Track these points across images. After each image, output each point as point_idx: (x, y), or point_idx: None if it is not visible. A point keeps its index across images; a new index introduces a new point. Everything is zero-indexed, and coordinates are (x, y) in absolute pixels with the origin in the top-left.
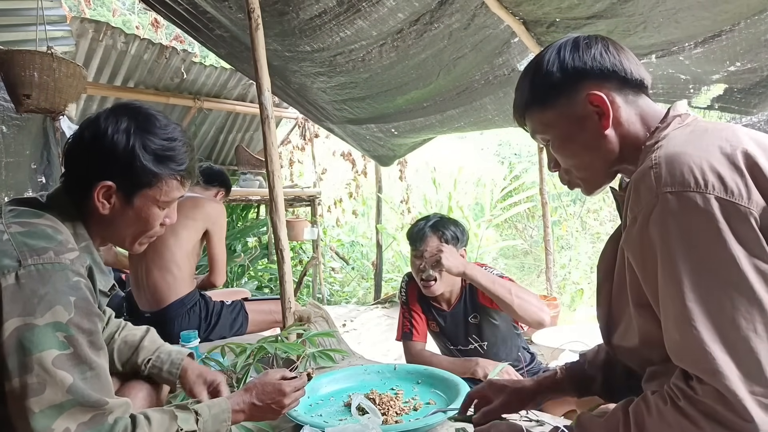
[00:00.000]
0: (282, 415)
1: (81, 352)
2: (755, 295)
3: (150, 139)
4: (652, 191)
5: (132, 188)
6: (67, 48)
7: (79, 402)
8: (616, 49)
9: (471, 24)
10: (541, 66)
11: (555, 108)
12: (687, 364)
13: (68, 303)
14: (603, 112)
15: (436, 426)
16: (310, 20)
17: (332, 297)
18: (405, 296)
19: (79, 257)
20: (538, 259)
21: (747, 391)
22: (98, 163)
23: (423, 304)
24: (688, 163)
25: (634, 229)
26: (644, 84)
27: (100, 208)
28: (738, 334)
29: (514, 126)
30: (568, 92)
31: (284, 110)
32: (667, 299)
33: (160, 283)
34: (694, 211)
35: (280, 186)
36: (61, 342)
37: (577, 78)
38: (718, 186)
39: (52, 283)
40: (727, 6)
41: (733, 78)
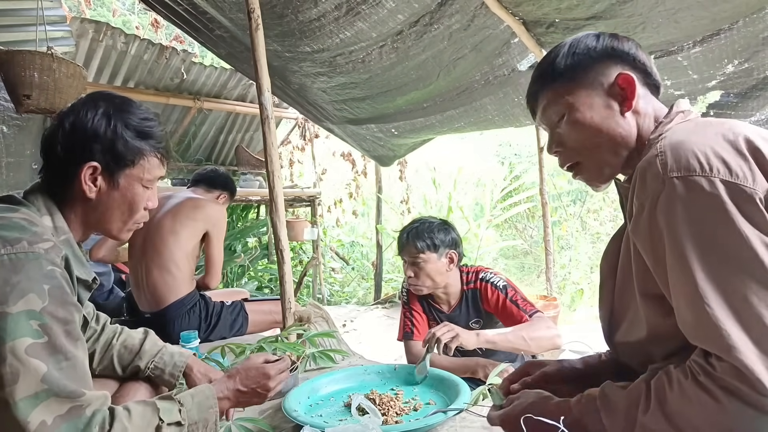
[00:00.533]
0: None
1: (56, 341)
2: (766, 273)
3: (129, 117)
4: (659, 177)
5: (116, 167)
6: (67, 48)
7: (54, 392)
8: (645, 53)
9: (471, 25)
10: (578, 43)
11: (583, 83)
12: (703, 342)
13: (42, 291)
14: (627, 96)
15: (436, 426)
16: (309, 22)
17: (332, 297)
18: (406, 296)
19: (54, 247)
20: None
21: (763, 366)
22: (82, 146)
23: (423, 304)
24: (693, 150)
25: (642, 217)
26: (659, 87)
27: (87, 191)
28: (751, 310)
29: (514, 126)
30: (600, 69)
31: (284, 110)
32: (678, 282)
33: (159, 283)
34: (701, 194)
35: (280, 186)
36: (35, 330)
37: (612, 58)
38: (723, 170)
39: (25, 271)
40: (726, 5)
41: (729, 82)
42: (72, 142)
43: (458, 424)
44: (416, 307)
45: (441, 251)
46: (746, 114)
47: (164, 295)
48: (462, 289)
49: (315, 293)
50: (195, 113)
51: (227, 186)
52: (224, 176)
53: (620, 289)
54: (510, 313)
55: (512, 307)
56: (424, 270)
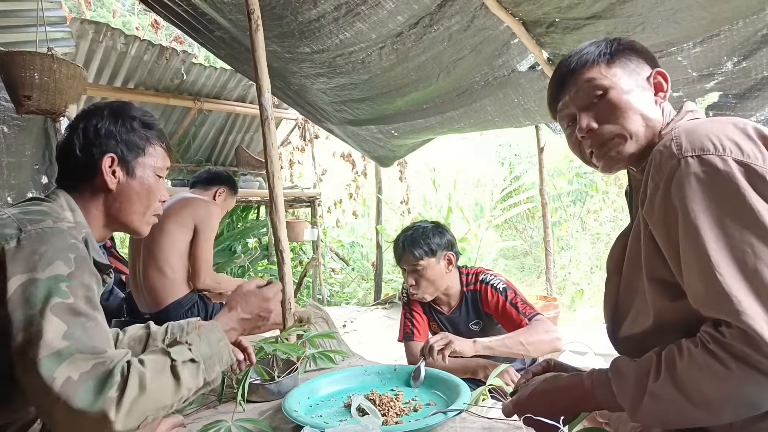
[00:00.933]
0: (273, 326)
1: (79, 304)
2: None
3: (132, 112)
4: (674, 157)
5: (131, 156)
6: (67, 49)
7: (78, 349)
8: None
9: (470, 26)
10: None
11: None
12: (714, 310)
13: (68, 259)
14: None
15: (436, 427)
16: (309, 23)
17: (332, 298)
18: (406, 297)
19: (76, 227)
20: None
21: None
22: (98, 143)
23: (424, 305)
24: (706, 133)
25: (656, 196)
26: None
27: (108, 182)
28: (762, 279)
29: (514, 126)
30: (640, 63)
31: (284, 111)
32: (690, 254)
33: (156, 284)
34: (715, 170)
35: (280, 187)
36: (63, 291)
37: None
38: (735, 150)
39: (52, 242)
40: (726, 5)
41: (728, 83)
42: (88, 141)
43: (458, 424)
44: (416, 308)
45: (439, 255)
46: (745, 115)
47: (161, 296)
48: (462, 291)
49: (315, 294)
50: (195, 114)
51: (223, 180)
52: (219, 172)
53: (626, 282)
54: (509, 316)
55: (512, 310)
56: (425, 277)
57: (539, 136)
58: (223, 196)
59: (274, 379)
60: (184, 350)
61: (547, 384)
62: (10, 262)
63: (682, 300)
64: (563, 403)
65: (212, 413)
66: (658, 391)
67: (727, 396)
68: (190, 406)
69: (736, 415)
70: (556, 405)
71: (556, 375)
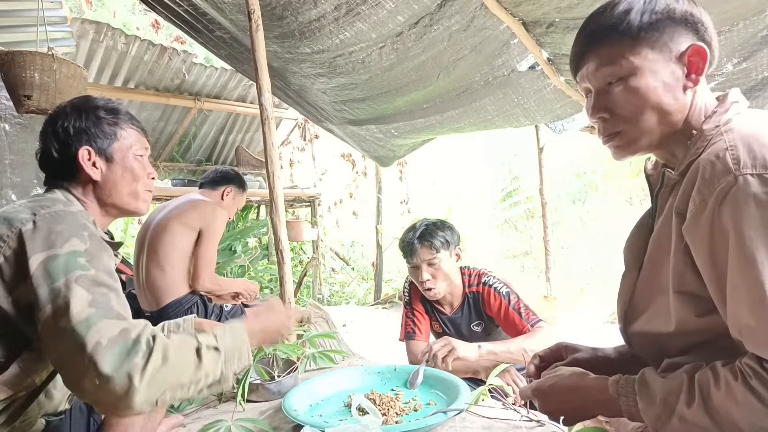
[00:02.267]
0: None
1: (99, 276)
2: None
3: (93, 104)
4: (729, 173)
5: (105, 144)
6: (67, 49)
7: (104, 315)
8: (714, 31)
9: (470, 26)
10: (656, 0)
11: (655, 45)
12: (762, 350)
13: (83, 236)
14: (695, 70)
15: (436, 426)
16: (309, 23)
17: (332, 298)
18: (408, 297)
19: (83, 211)
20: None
21: None
22: (71, 140)
23: (426, 304)
24: (762, 144)
25: (703, 214)
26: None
27: (92, 174)
28: None
29: (513, 126)
30: (674, 35)
31: (284, 111)
32: (741, 284)
33: (156, 282)
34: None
35: (280, 187)
36: (83, 264)
37: (688, 25)
38: None
39: (66, 222)
40: (726, 6)
41: (728, 84)
42: (61, 142)
43: (458, 424)
44: (418, 307)
45: (451, 249)
46: None
47: (161, 294)
48: (464, 292)
49: (315, 293)
50: (195, 114)
51: (230, 179)
52: (225, 171)
53: (645, 281)
54: (512, 321)
55: (515, 315)
56: (442, 270)
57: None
58: (231, 195)
59: (274, 378)
60: (210, 338)
61: (573, 381)
62: (29, 242)
63: (708, 316)
64: (584, 402)
65: (212, 413)
66: (689, 416)
67: (758, 431)
68: (190, 405)
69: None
70: (575, 403)
71: (583, 373)
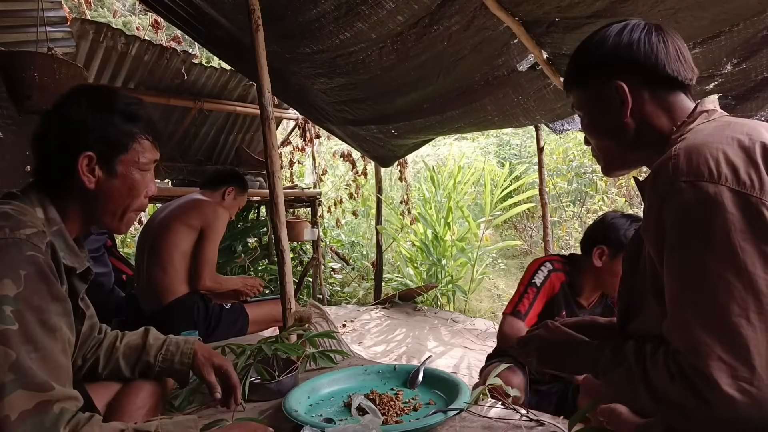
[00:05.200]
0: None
1: (27, 330)
2: (752, 285)
3: (114, 102)
4: (668, 180)
5: (111, 154)
6: (67, 49)
7: (22, 384)
8: (660, 40)
9: (470, 26)
10: (585, 48)
11: (587, 89)
12: (675, 341)
13: (18, 277)
14: (624, 102)
15: (436, 426)
16: (309, 23)
17: (332, 297)
18: (543, 282)
19: (38, 234)
20: None
21: (729, 376)
22: (74, 138)
23: (565, 289)
24: (705, 155)
25: (650, 216)
26: (678, 80)
27: (86, 182)
28: (729, 319)
29: (513, 126)
30: (599, 77)
31: (284, 111)
32: (667, 280)
33: (158, 281)
34: (705, 199)
35: (280, 187)
36: (7, 316)
37: (610, 65)
38: (731, 177)
39: (3, 257)
40: (726, 6)
41: (728, 85)
42: (63, 136)
43: (458, 424)
44: (546, 294)
45: None
46: (744, 116)
47: (162, 293)
48: (600, 294)
49: (315, 293)
50: (195, 114)
51: (231, 179)
52: (226, 171)
53: (639, 282)
54: None
55: None
56: None
57: (539, 136)
58: (232, 195)
59: (274, 378)
60: (151, 424)
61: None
62: None
63: None
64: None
65: (212, 412)
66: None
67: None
68: (190, 405)
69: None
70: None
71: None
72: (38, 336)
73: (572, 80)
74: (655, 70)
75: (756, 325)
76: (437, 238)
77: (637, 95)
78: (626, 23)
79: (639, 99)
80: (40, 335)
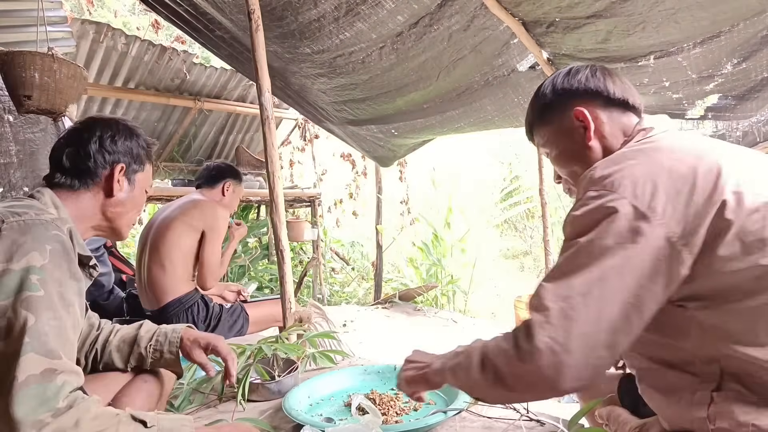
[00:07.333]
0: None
1: (49, 299)
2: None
3: (138, 132)
4: (581, 187)
5: (135, 169)
6: (67, 49)
7: (33, 348)
8: (603, 73)
9: (470, 25)
10: (539, 90)
11: (551, 124)
12: (529, 305)
13: (44, 250)
14: (586, 126)
15: (436, 426)
16: (309, 23)
17: (332, 297)
18: None
19: (59, 219)
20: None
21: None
22: (114, 152)
23: None
24: (612, 169)
25: (567, 215)
26: (629, 103)
27: (115, 189)
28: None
29: (513, 126)
30: (559, 109)
31: (284, 111)
32: None
33: (158, 281)
34: (600, 207)
35: (280, 187)
36: (33, 284)
37: (566, 97)
38: (630, 191)
39: (32, 233)
40: (726, 6)
41: (728, 85)
42: (104, 148)
43: (458, 424)
44: None
45: None
46: (745, 116)
47: (162, 293)
48: None
49: (315, 293)
50: (195, 114)
51: (226, 173)
52: (219, 166)
53: None
54: None
55: None
56: None
57: None
58: (231, 189)
59: (275, 378)
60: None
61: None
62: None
63: None
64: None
65: (212, 412)
66: None
67: None
68: (190, 405)
69: None
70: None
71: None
72: (57, 307)
73: (535, 122)
74: (607, 95)
75: (590, 308)
76: (437, 238)
77: (595, 118)
78: (570, 67)
79: (598, 121)
80: (58, 306)
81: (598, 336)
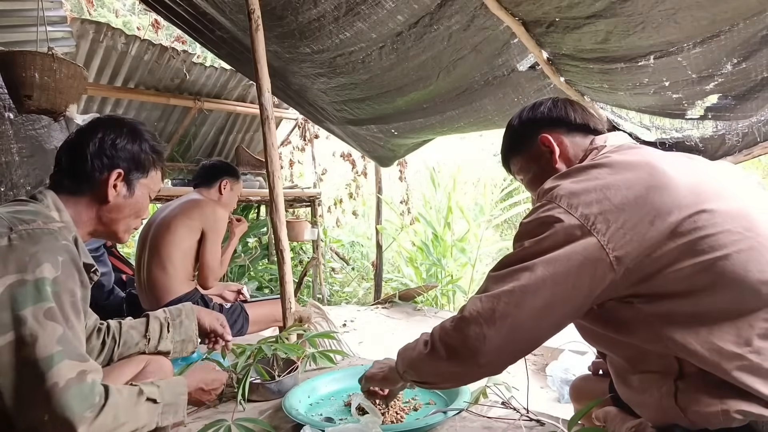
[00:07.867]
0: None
1: (64, 309)
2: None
3: (145, 136)
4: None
5: (135, 175)
6: (67, 49)
7: (66, 354)
8: (564, 103)
9: (470, 25)
10: (509, 123)
11: (521, 152)
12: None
13: (56, 262)
14: (552, 150)
15: (436, 426)
16: (309, 23)
17: (332, 297)
18: None
19: (65, 227)
20: None
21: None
22: (112, 156)
23: None
24: (554, 183)
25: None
26: (590, 127)
27: (109, 195)
28: (508, 289)
29: None
30: (527, 139)
31: (284, 111)
32: None
33: (157, 280)
34: (542, 215)
35: (280, 187)
36: (50, 296)
37: (532, 127)
38: (566, 202)
39: (42, 243)
40: (726, 6)
41: (728, 85)
42: (102, 152)
43: (458, 424)
44: None
45: None
46: (745, 116)
47: (162, 293)
48: None
49: (315, 293)
50: (195, 114)
51: (223, 171)
52: (215, 164)
53: None
54: None
55: None
56: None
57: None
58: (228, 187)
59: (274, 378)
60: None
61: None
62: (1, 262)
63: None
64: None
65: (212, 412)
66: None
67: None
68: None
69: None
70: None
71: None
72: (71, 315)
73: (508, 153)
74: (569, 121)
75: (517, 295)
76: (437, 238)
77: (560, 143)
78: (534, 101)
79: (562, 146)
80: (72, 315)
81: (521, 319)
